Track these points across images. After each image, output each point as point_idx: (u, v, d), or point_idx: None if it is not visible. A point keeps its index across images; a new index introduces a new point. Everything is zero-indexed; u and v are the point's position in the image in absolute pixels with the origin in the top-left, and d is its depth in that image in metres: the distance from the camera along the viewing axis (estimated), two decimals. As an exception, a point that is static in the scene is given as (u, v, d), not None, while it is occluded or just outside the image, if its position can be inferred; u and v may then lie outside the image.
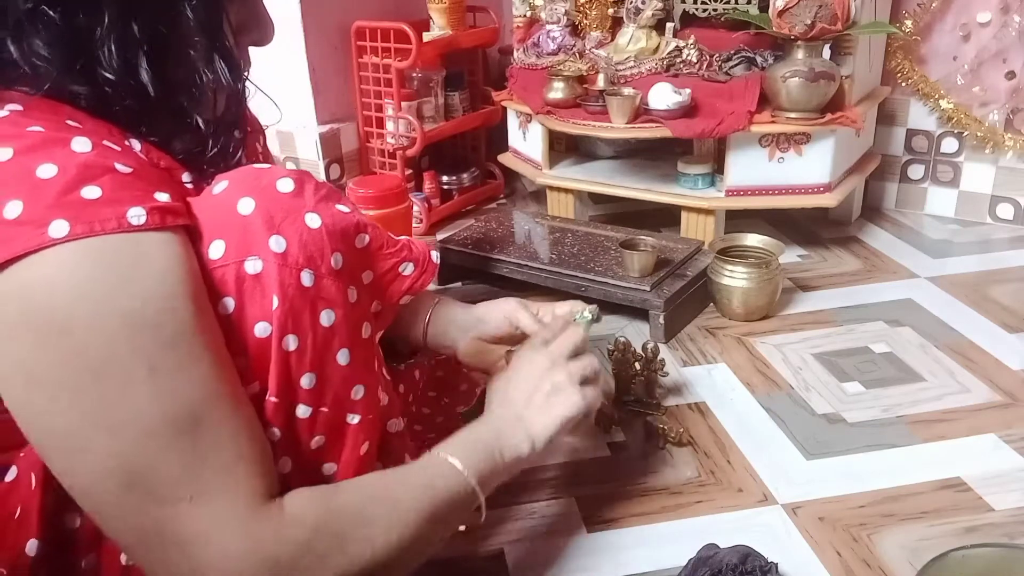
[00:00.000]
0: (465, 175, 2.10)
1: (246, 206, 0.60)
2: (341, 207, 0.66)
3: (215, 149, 0.67)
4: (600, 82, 1.71)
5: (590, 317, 0.96)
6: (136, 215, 0.54)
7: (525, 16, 1.94)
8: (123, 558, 0.63)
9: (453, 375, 1.07)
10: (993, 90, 1.79)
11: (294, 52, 1.93)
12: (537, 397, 0.80)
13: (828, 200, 1.66)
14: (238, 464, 0.56)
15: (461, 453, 0.71)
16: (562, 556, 0.92)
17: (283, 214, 0.61)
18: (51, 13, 0.57)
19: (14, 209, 0.51)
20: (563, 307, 0.99)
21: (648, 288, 1.39)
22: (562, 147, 1.99)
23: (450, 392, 1.06)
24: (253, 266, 0.59)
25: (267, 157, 0.90)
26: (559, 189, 1.87)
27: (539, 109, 1.78)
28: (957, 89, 1.82)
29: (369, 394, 0.68)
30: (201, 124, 0.65)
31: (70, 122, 0.58)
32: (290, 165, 2.06)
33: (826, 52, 1.60)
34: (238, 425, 0.57)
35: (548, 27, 1.87)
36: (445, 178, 2.06)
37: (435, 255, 0.76)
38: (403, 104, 1.88)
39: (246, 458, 0.57)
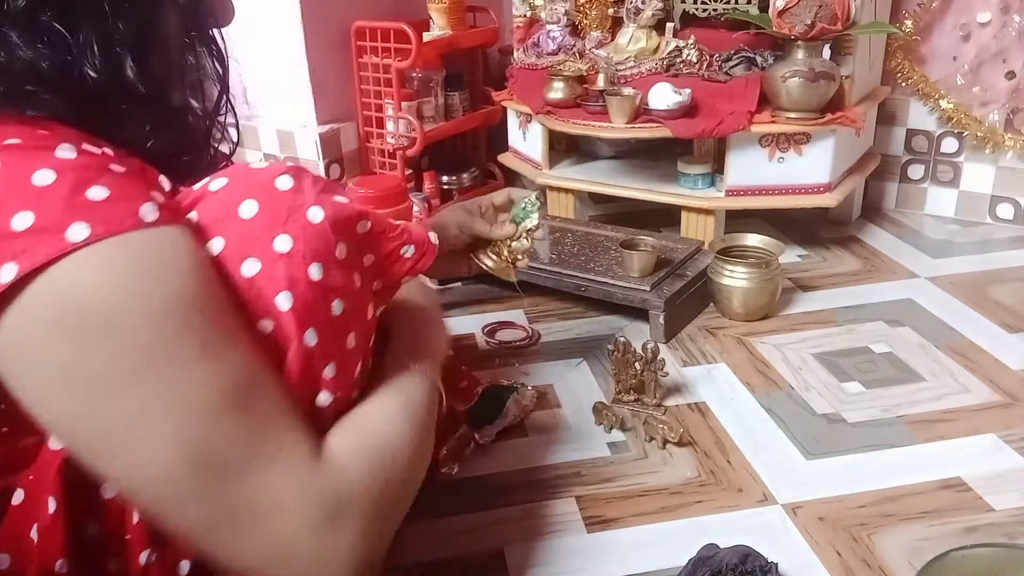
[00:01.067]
0: (465, 175, 2.10)
1: (249, 209, 0.60)
2: (339, 198, 0.66)
3: (204, 141, 0.69)
4: (600, 82, 1.71)
5: (534, 208, 1.05)
6: (149, 211, 0.54)
7: (525, 16, 1.94)
8: (143, 557, 0.63)
9: (453, 373, 1.07)
10: (993, 90, 1.79)
11: (294, 52, 1.93)
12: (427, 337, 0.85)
13: (828, 200, 1.66)
14: (292, 425, 0.58)
15: (431, 369, 0.77)
16: (562, 556, 0.92)
17: (286, 212, 0.61)
18: (37, 15, 0.56)
19: (24, 220, 0.51)
20: (500, 196, 1.09)
21: (648, 288, 1.39)
22: (562, 147, 1.99)
23: (450, 390, 1.06)
24: (252, 266, 0.59)
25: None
26: (559, 189, 1.87)
27: (539, 109, 1.78)
28: (957, 89, 1.82)
29: (363, 372, 0.69)
30: (198, 112, 0.66)
31: (43, 132, 0.56)
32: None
33: (826, 52, 1.60)
34: (281, 389, 0.59)
35: (548, 27, 1.87)
36: (445, 178, 2.06)
37: (433, 237, 0.76)
38: (403, 104, 1.88)
39: (295, 418, 0.59)
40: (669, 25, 1.74)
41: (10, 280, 0.50)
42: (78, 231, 0.51)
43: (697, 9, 1.74)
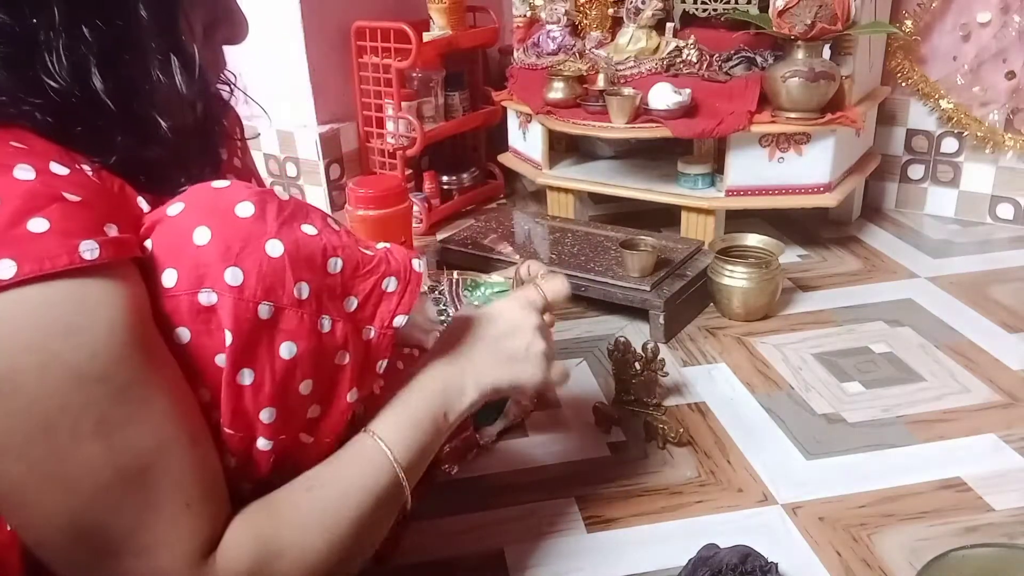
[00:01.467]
0: (465, 175, 2.10)
1: (202, 236, 0.57)
2: (307, 228, 0.62)
3: (185, 160, 0.64)
4: (600, 82, 1.71)
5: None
6: (89, 249, 0.51)
7: (525, 16, 1.94)
8: None
9: None
10: (993, 90, 1.79)
11: (294, 52, 1.93)
12: (507, 349, 0.77)
13: (828, 200, 1.66)
14: (186, 513, 0.56)
15: (396, 437, 0.69)
16: (562, 556, 0.92)
17: (241, 243, 0.58)
18: None
19: None
20: (523, 268, 0.97)
21: (648, 288, 1.39)
22: (562, 147, 1.99)
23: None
24: (207, 298, 0.57)
25: (245, 165, 0.85)
26: (559, 189, 1.87)
27: (539, 109, 1.78)
28: (957, 89, 1.82)
29: (328, 418, 0.65)
30: (167, 130, 0.61)
31: (15, 143, 0.54)
32: (290, 166, 2.06)
33: (826, 52, 1.60)
34: (190, 469, 0.56)
35: (548, 27, 1.87)
36: (445, 178, 2.06)
37: (416, 263, 0.69)
38: (403, 104, 1.88)
39: (195, 504, 0.56)
40: (669, 25, 1.74)
41: None
42: (5, 268, 0.49)
43: (697, 9, 1.74)
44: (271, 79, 1.98)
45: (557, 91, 1.75)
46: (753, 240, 1.50)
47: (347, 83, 2.01)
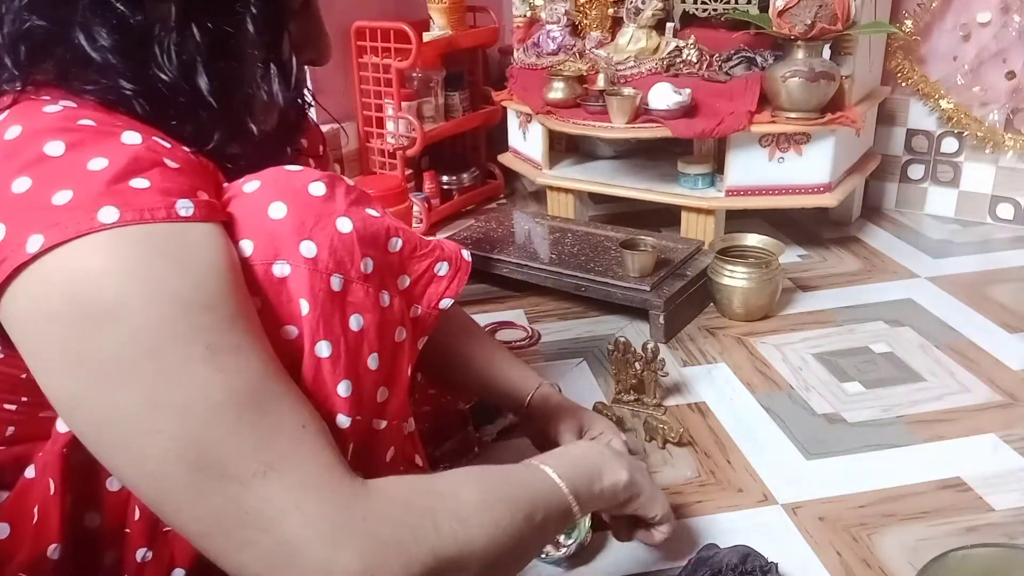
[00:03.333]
0: (465, 175, 2.10)
1: (278, 210, 0.60)
2: (371, 211, 0.65)
3: (265, 161, 0.67)
4: (600, 82, 1.71)
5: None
6: (184, 206, 0.54)
7: (525, 16, 1.94)
8: (139, 554, 0.63)
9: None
10: (993, 90, 1.79)
11: (294, 52, 1.93)
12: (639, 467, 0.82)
13: (828, 200, 1.66)
14: (308, 435, 0.55)
15: (558, 466, 0.71)
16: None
17: (314, 219, 0.61)
18: (116, 4, 0.57)
19: (63, 196, 0.51)
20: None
21: (648, 288, 1.39)
22: (562, 147, 1.99)
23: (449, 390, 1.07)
24: (281, 269, 0.59)
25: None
26: (559, 189, 1.87)
27: (539, 109, 1.78)
28: (957, 89, 1.82)
29: (395, 398, 0.67)
30: (255, 134, 0.65)
31: (118, 121, 0.57)
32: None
33: (826, 52, 1.60)
34: (296, 397, 0.57)
35: (548, 27, 1.87)
36: (445, 178, 2.06)
37: (466, 253, 0.74)
38: (403, 104, 1.88)
39: (310, 425, 0.56)
40: (669, 25, 1.74)
41: (36, 251, 0.50)
42: (108, 213, 0.51)
43: (697, 9, 1.74)
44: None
45: (557, 91, 1.75)
46: (753, 240, 1.50)
47: (347, 83, 2.01)
